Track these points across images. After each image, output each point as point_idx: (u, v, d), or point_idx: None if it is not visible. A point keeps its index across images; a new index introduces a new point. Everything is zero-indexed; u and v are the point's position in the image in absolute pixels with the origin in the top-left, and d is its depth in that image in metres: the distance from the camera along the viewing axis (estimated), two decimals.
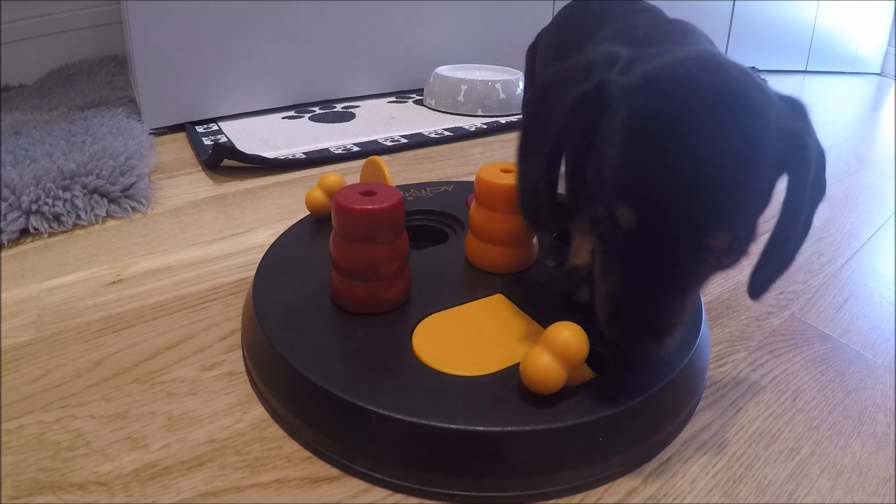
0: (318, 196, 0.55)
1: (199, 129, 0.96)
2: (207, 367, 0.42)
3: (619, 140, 0.32)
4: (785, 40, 1.73)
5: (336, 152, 0.87)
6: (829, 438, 0.38)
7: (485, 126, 1.02)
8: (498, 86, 1.09)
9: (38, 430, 0.36)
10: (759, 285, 0.37)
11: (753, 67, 1.56)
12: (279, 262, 0.48)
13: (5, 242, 0.59)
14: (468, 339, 0.39)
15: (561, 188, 0.40)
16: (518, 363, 0.35)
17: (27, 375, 0.41)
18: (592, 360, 0.37)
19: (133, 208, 0.68)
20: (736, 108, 0.31)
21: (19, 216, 0.61)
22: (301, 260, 0.48)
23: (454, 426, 0.32)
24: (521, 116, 1.09)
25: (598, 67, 0.35)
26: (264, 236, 0.62)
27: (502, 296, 0.44)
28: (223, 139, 0.91)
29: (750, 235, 0.31)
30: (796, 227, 0.35)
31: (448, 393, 0.34)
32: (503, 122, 1.05)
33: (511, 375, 0.35)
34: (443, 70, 1.15)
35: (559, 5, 1.35)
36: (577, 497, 0.33)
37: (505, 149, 0.94)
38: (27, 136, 0.80)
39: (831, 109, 1.36)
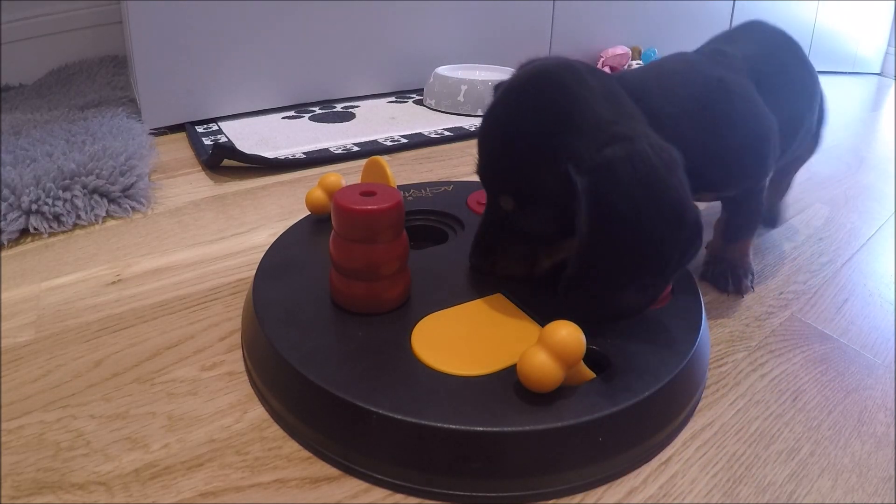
0: (319, 196, 0.55)
1: (199, 129, 0.96)
2: (207, 367, 0.42)
3: None
4: None
5: (336, 152, 0.87)
6: (829, 438, 0.38)
7: None
8: None
9: (38, 430, 0.36)
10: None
11: None
12: (279, 262, 0.48)
13: (5, 242, 0.59)
14: (468, 338, 0.39)
15: None
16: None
17: (27, 375, 0.41)
18: (592, 359, 0.37)
19: (133, 208, 0.68)
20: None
21: (19, 216, 0.61)
22: (301, 260, 0.48)
23: (454, 426, 0.32)
24: None
25: None
26: (264, 236, 0.62)
27: (502, 295, 0.44)
28: (223, 139, 0.91)
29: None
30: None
31: (448, 393, 0.34)
32: None
33: (511, 375, 0.35)
34: (443, 70, 1.15)
35: (559, 6, 1.35)
36: (577, 497, 0.33)
37: None
38: (27, 136, 0.80)
39: (831, 109, 1.36)
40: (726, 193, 0.51)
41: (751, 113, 0.46)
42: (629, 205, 0.36)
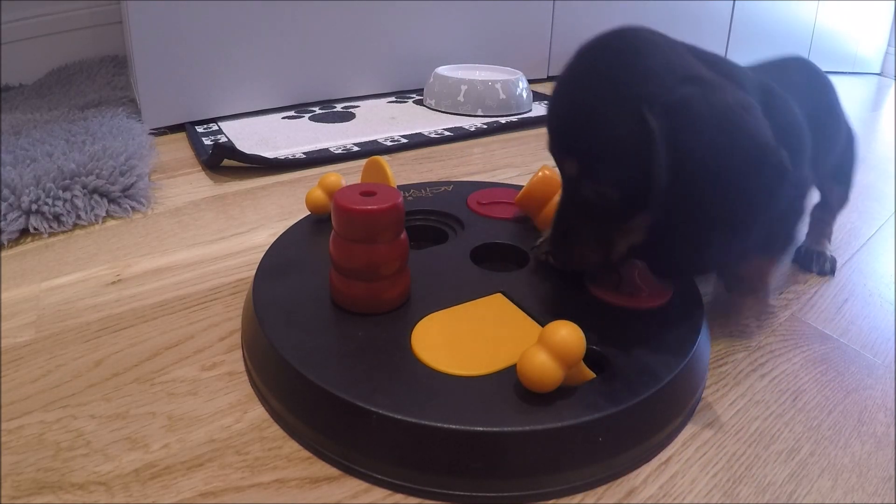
0: (319, 196, 0.55)
1: (199, 129, 0.96)
2: (207, 367, 0.42)
3: None
4: (785, 40, 1.73)
5: (336, 152, 0.87)
6: (829, 438, 0.38)
7: (485, 126, 1.02)
8: (498, 86, 1.09)
9: (38, 430, 0.36)
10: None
11: None
12: (279, 262, 0.48)
13: (5, 242, 0.59)
14: (468, 338, 0.39)
15: None
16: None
17: (27, 375, 0.41)
18: (592, 360, 0.37)
19: (133, 208, 0.68)
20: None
21: (19, 216, 0.61)
22: (301, 260, 0.48)
23: (454, 426, 0.32)
24: (522, 116, 1.09)
25: None
26: (264, 236, 0.62)
27: (502, 295, 0.44)
28: (223, 139, 0.91)
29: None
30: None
31: (448, 393, 0.34)
32: (503, 122, 1.05)
33: (511, 375, 0.35)
34: (443, 70, 1.15)
35: (560, 6, 1.35)
36: (577, 497, 0.33)
37: (505, 148, 0.94)
38: (27, 136, 0.80)
39: None
40: None
41: (793, 119, 0.43)
42: (707, 143, 0.34)
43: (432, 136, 0.96)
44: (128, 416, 0.38)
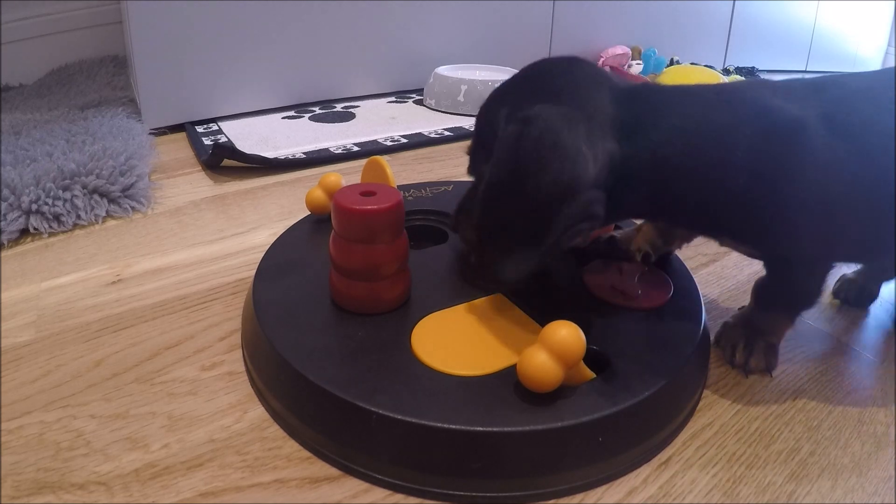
0: (319, 196, 0.55)
1: (199, 129, 0.96)
2: (207, 367, 0.42)
3: None
4: (785, 40, 1.73)
5: (336, 152, 0.87)
6: (829, 438, 0.38)
7: None
8: None
9: (38, 430, 0.36)
10: None
11: (753, 67, 1.56)
12: (279, 262, 0.48)
13: (5, 242, 0.59)
14: (468, 338, 0.39)
15: None
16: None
17: (27, 375, 0.41)
18: (592, 360, 0.37)
19: (133, 208, 0.68)
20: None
21: (19, 216, 0.61)
22: (301, 260, 0.48)
23: (454, 426, 0.32)
24: None
25: None
26: (264, 236, 0.62)
27: (502, 295, 0.44)
28: (223, 139, 0.91)
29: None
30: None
31: (448, 393, 0.34)
32: None
33: (511, 375, 0.35)
34: (443, 70, 1.15)
35: (559, 6, 1.35)
36: (577, 497, 0.33)
37: None
38: (27, 136, 0.80)
39: None
40: (743, 245, 0.43)
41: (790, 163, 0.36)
42: (533, 157, 0.35)
43: (432, 136, 0.96)
44: (128, 416, 0.38)
